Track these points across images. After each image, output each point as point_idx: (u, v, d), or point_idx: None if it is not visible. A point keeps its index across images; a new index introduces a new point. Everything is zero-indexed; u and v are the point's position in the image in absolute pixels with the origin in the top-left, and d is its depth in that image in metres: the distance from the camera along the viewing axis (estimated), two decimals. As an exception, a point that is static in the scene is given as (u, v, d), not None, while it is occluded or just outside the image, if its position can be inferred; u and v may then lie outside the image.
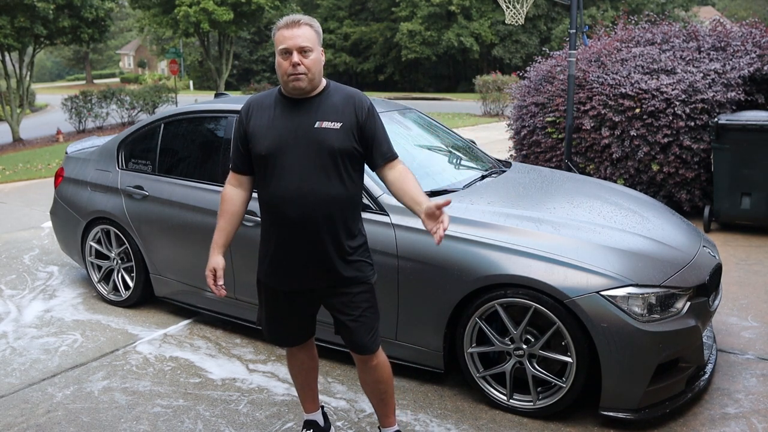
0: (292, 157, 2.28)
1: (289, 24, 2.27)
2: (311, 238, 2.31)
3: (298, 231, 2.31)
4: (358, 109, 2.34)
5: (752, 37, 6.64)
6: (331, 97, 2.35)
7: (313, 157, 2.27)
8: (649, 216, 3.50)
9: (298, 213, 2.28)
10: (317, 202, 2.28)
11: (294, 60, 2.24)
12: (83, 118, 19.29)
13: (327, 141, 2.27)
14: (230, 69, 25.58)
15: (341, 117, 2.31)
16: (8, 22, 15.64)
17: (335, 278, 2.37)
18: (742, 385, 3.25)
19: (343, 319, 2.42)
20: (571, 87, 6.32)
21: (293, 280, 2.39)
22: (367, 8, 41.92)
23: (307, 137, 2.28)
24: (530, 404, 2.99)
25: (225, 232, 2.46)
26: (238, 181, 2.46)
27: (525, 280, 2.85)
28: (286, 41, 2.25)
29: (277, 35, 2.29)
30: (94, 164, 4.63)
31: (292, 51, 2.25)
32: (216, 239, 2.46)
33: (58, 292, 4.85)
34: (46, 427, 3.01)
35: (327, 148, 2.27)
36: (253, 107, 2.41)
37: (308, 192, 2.27)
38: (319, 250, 2.33)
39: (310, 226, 2.29)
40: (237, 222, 2.48)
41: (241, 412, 3.11)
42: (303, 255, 2.34)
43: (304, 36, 2.25)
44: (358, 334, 2.42)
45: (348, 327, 2.42)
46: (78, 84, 53.17)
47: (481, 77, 20.86)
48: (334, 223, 2.32)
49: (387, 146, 2.41)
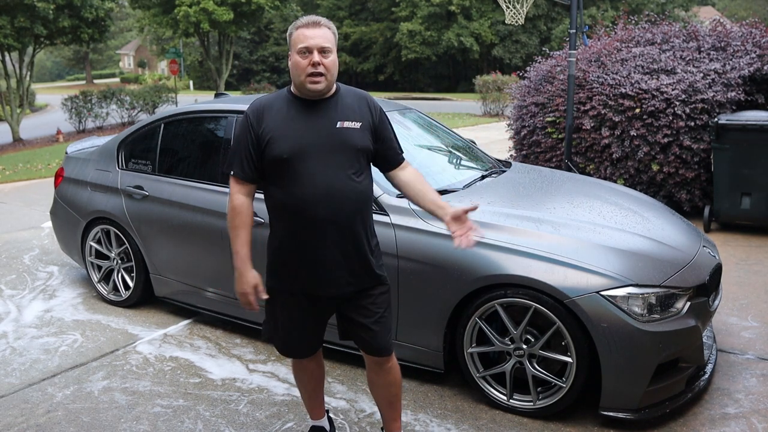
0: (317, 158, 2.24)
1: (311, 24, 2.24)
2: (341, 237, 2.28)
3: (328, 232, 2.26)
4: (372, 110, 2.37)
5: (752, 37, 6.64)
6: (345, 97, 2.35)
7: (337, 157, 2.26)
8: (649, 216, 3.50)
9: (328, 213, 2.25)
10: (346, 201, 2.26)
11: (315, 59, 2.20)
12: (83, 118, 19.30)
13: (350, 140, 2.27)
14: (230, 69, 25.58)
15: (359, 117, 2.32)
16: (8, 22, 15.65)
17: (362, 279, 2.35)
18: (742, 385, 3.25)
19: (365, 321, 2.37)
20: (571, 87, 6.32)
21: (324, 283, 2.32)
22: (367, 8, 41.93)
23: (330, 137, 2.26)
24: (530, 404, 2.99)
25: (248, 244, 2.33)
26: (247, 189, 2.34)
27: (525, 280, 2.85)
28: (307, 40, 2.21)
29: (297, 34, 2.24)
30: (94, 164, 4.64)
31: (313, 50, 2.21)
32: (245, 253, 2.31)
33: (58, 292, 4.85)
34: (46, 427, 3.01)
35: (350, 147, 2.27)
36: (264, 111, 2.31)
37: (337, 192, 2.25)
38: (345, 251, 2.30)
39: (338, 225, 2.27)
40: (251, 232, 2.38)
41: (241, 412, 3.11)
42: (334, 256, 2.29)
43: (324, 36, 2.23)
44: (380, 335, 2.39)
45: (370, 329, 2.37)
46: (78, 84, 53.20)
47: (481, 77, 20.86)
48: (360, 221, 2.32)
49: (399, 147, 2.44)
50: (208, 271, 3.95)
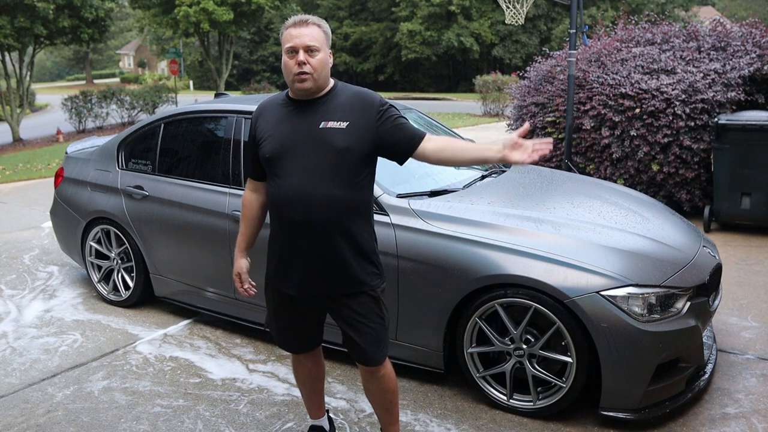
0: (295, 159, 2.24)
1: (297, 23, 2.22)
2: (313, 241, 2.25)
3: (300, 234, 2.25)
4: (368, 107, 2.27)
5: (752, 37, 6.64)
6: (338, 96, 2.30)
7: (316, 159, 2.22)
8: (649, 216, 3.50)
9: (300, 215, 2.23)
10: (319, 204, 2.21)
11: (300, 59, 2.18)
12: (83, 118, 19.30)
13: (332, 141, 2.21)
14: (230, 69, 25.57)
15: (348, 116, 2.24)
16: (8, 22, 15.65)
17: (337, 285, 2.30)
18: (742, 385, 3.25)
19: (349, 332, 2.36)
20: (571, 87, 6.32)
21: (295, 285, 2.33)
22: (367, 8, 41.93)
23: (311, 138, 2.23)
24: (530, 404, 2.99)
25: (245, 236, 2.53)
26: (255, 186, 2.50)
27: (525, 280, 2.85)
28: (292, 39, 2.20)
29: (285, 34, 2.23)
30: (94, 164, 4.64)
31: (299, 49, 2.19)
32: (239, 242, 2.55)
33: (58, 292, 4.85)
34: (46, 427, 3.01)
35: (332, 148, 2.21)
36: (261, 112, 2.38)
37: (310, 194, 2.21)
38: (320, 255, 2.26)
39: (312, 228, 2.23)
40: (257, 225, 2.53)
41: (241, 412, 3.11)
42: (305, 259, 2.28)
43: (311, 35, 2.20)
44: (364, 346, 2.35)
45: (353, 340, 2.35)
46: (78, 84, 53.18)
47: (481, 77, 20.87)
48: (338, 226, 2.23)
49: (413, 129, 2.31)
50: (208, 271, 3.95)
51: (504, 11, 8.07)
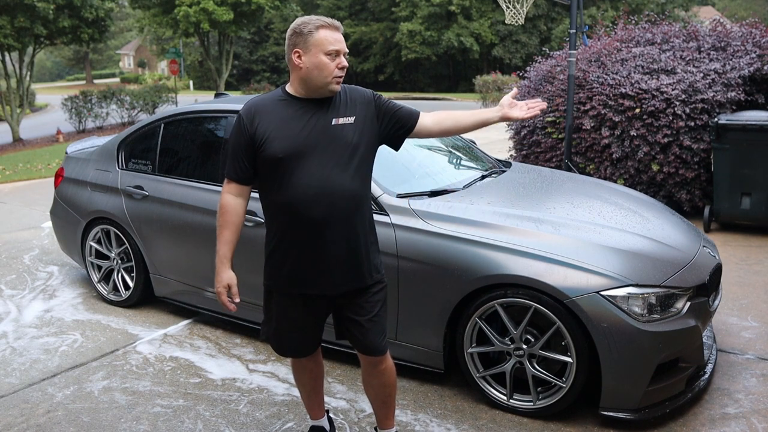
0: (313, 158, 2.25)
1: (336, 27, 2.29)
2: (337, 236, 2.28)
3: (323, 231, 2.26)
4: (365, 100, 2.39)
5: (752, 37, 6.64)
6: (340, 94, 2.37)
7: (332, 156, 2.26)
8: (649, 216, 3.50)
9: (321, 213, 2.24)
10: (341, 199, 2.26)
11: (344, 63, 2.28)
12: (83, 118, 19.32)
13: (345, 137, 2.28)
14: (230, 69, 25.58)
15: (352, 111, 2.34)
16: (8, 22, 15.66)
17: (361, 278, 2.35)
18: (742, 385, 3.25)
19: (358, 318, 2.37)
20: (571, 87, 6.32)
21: (325, 284, 2.32)
22: (367, 8, 41.92)
23: (325, 135, 2.27)
24: (530, 404, 2.99)
25: (232, 245, 2.37)
26: (239, 190, 2.37)
27: (525, 280, 2.85)
28: (337, 43, 2.26)
29: (324, 35, 2.24)
30: (94, 164, 4.64)
31: (341, 53, 2.28)
32: (224, 253, 2.36)
33: (58, 292, 4.85)
34: (46, 427, 3.01)
35: (346, 144, 2.28)
36: (258, 112, 2.31)
37: (332, 190, 2.25)
38: (347, 249, 2.30)
39: (335, 225, 2.27)
40: (239, 232, 2.41)
41: (241, 412, 3.11)
42: (330, 255, 2.29)
43: (344, 41, 2.32)
44: (372, 334, 2.38)
45: (363, 326, 2.37)
46: (78, 84, 53.16)
47: (481, 77, 20.91)
48: (357, 220, 2.32)
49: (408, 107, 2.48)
50: (208, 271, 3.94)
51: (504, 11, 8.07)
